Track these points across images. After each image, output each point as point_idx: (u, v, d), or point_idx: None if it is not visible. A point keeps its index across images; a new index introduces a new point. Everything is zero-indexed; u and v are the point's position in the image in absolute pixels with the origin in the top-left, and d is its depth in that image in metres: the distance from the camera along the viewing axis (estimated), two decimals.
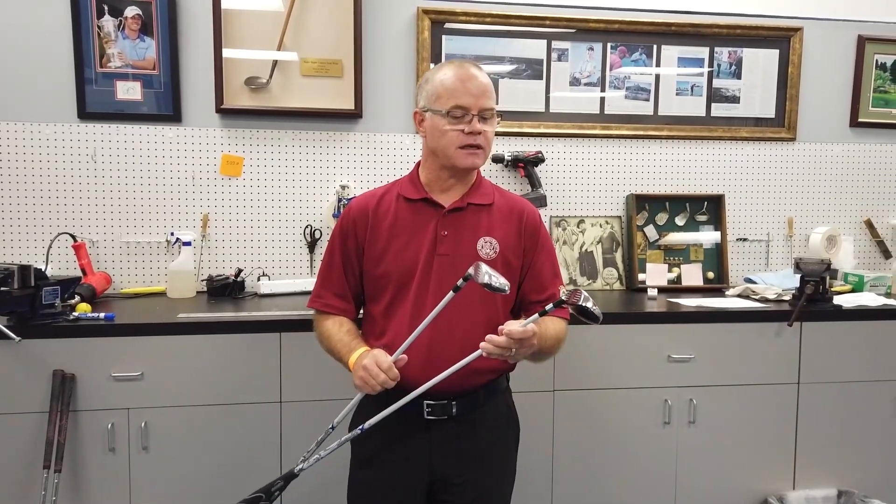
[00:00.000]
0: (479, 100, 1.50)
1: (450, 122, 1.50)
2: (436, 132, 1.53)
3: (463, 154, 1.51)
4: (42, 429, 1.88)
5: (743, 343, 2.25)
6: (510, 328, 1.35)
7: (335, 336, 1.56)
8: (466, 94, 1.49)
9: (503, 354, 1.37)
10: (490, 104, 1.52)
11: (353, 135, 2.64)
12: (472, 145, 1.51)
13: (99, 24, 2.43)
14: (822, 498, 2.31)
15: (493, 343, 1.35)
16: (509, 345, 1.35)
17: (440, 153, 1.54)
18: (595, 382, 2.18)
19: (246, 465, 2.02)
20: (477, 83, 1.51)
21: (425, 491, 1.54)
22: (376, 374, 1.40)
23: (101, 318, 1.99)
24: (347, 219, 1.60)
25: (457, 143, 1.50)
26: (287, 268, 2.62)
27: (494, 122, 1.55)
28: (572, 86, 2.76)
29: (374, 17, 2.61)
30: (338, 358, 1.55)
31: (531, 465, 2.07)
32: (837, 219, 2.97)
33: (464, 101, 1.49)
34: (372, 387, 1.41)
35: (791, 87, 2.86)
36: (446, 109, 1.50)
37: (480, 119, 1.51)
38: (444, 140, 1.51)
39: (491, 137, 1.55)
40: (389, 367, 1.40)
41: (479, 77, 1.52)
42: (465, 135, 1.50)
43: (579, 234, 2.77)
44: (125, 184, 2.51)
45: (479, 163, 1.55)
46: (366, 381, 1.41)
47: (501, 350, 1.35)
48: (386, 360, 1.41)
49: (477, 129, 1.50)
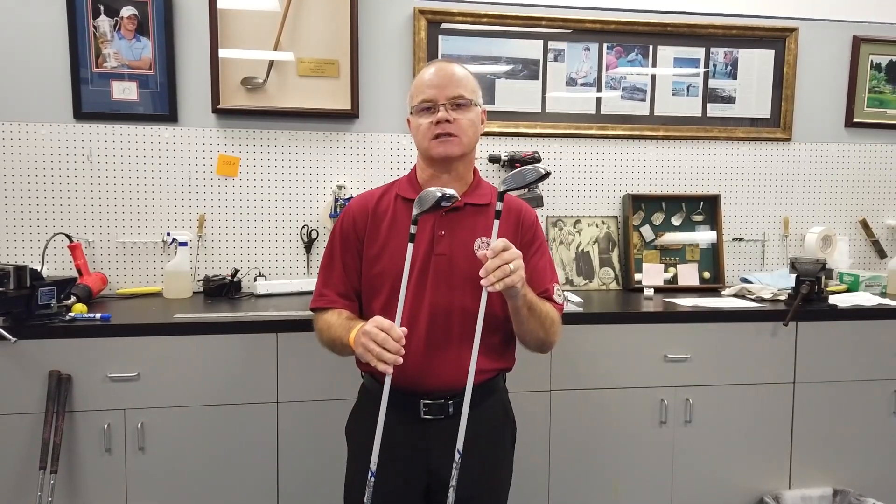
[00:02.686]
0: (444, 90, 1.52)
1: (422, 118, 1.54)
2: (416, 131, 1.56)
3: (435, 143, 1.52)
4: (38, 430, 1.87)
5: (739, 343, 2.26)
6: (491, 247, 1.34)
7: (335, 323, 1.54)
8: (430, 87, 1.53)
9: (504, 277, 1.33)
10: (458, 91, 1.53)
11: (350, 135, 2.64)
12: (443, 134, 1.51)
13: (95, 24, 2.43)
14: (817, 497, 2.31)
15: (487, 271, 1.32)
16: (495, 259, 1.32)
17: (421, 150, 1.57)
18: (591, 382, 2.18)
19: (242, 465, 2.02)
20: (442, 74, 1.53)
21: (422, 490, 1.54)
22: (375, 335, 1.34)
23: (98, 318, 1.99)
24: (347, 218, 1.61)
25: (429, 135, 1.52)
26: (284, 268, 2.62)
27: (472, 110, 1.55)
28: (568, 86, 2.77)
29: (371, 18, 2.61)
30: (339, 342, 1.51)
31: (528, 464, 2.07)
32: (833, 219, 2.98)
33: (428, 93, 1.53)
34: (377, 354, 1.34)
35: (786, 87, 2.87)
36: (415, 106, 1.55)
37: (453, 107, 1.52)
38: (419, 135, 1.55)
39: (466, 125, 1.54)
40: (391, 326, 1.36)
41: (446, 68, 1.55)
42: (434, 125, 1.51)
43: (576, 235, 2.77)
44: (121, 184, 2.51)
45: (453, 150, 1.53)
46: (367, 347, 1.35)
47: (497, 272, 1.32)
48: (387, 321, 1.37)
49: (442, 118, 1.51)
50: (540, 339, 1.55)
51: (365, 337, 1.37)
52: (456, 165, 1.57)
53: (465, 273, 1.51)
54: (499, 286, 1.33)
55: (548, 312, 1.54)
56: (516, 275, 1.35)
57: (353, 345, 1.43)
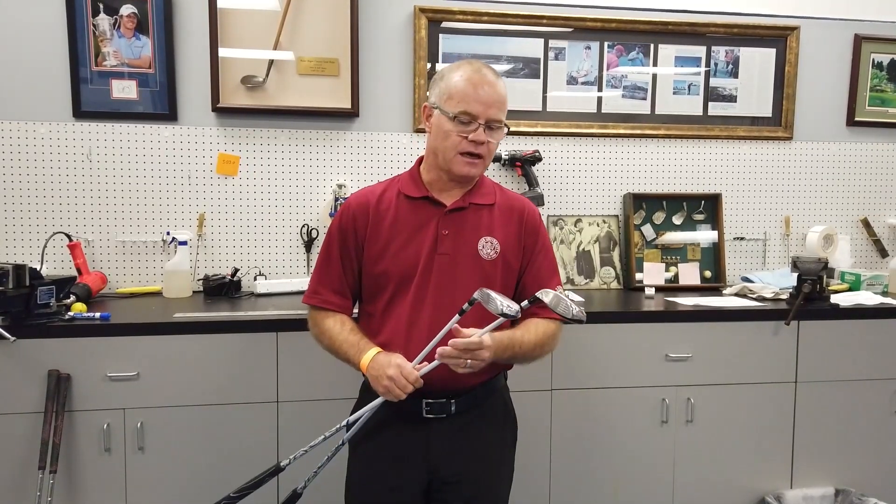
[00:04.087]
0: (489, 109, 1.47)
1: (455, 126, 1.47)
2: (440, 133, 1.50)
3: (461, 161, 1.49)
4: (37, 429, 1.87)
5: (740, 342, 2.25)
6: (454, 340, 1.37)
7: (339, 336, 1.54)
8: (477, 102, 1.46)
9: (456, 363, 1.39)
10: (499, 116, 1.49)
11: (350, 134, 2.63)
12: (473, 154, 1.49)
13: (94, 23, 2.42)
14: (819, 497, 2.31)
15: (442, 353, 1.38)
16: (455, 354, 1.37)
17: (440, 155, 1.52)
18: (592, 381, 2.18)
19: (242, 465, 2.01)
20: (490, 91, 1.47)
21: (423, 489, 1.54)
22: (403, 386, 1.40)
23: (97, 317, 1.98)
24: (347, 215, 1.57)
25: (458, 149, 1.48)
26: (283, 267, 2.61)
27: (501, 133, 1.52)
28: (569, 85, 2.76)
29: (371, 16, 2.60)
30: (344, 358, 1.53)
31: (529, 463, 2.06)
32: (834, 218, 2.97)
33: (473, 108, 1.46)
34: (396, 395, 1.41)
35: (788, 86, 2.86)
36: (454, 113, 1.47)
37: (487, 129, 1.48)
38: (446, 143, 1.49)
39: (493, 149, 1.53)
40: (417, 379, 1.41)
41: (494, 86, 1.49)
42: (468, 142, 1.47)
43: (576, 234, 2.77)
44: (121, 183, 2.50)
45: (476, 173, 1.53)
46: (390, 389, 1.41)
47: (452, 358, 1.38)
48: (412, 372, 1.41)
49: (481, 139, 1.47)
50: (533, 361, 1.58)
51: (388, 381, 1.41)
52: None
53: (469, 272, 1.50)
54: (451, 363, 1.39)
55: (537, 343, 1.53)
56: (469, 369, 1.40)
57: (367, 374, 1.47)
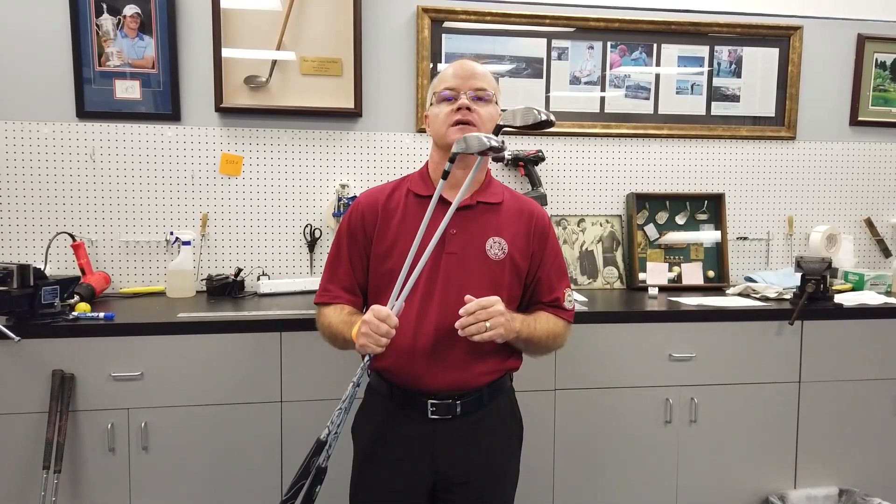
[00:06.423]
0: (467, 81, 1.54)
1: (444, 106, 1.54)
2: (434, 120, 1.56)
3: (454, 130, 1.52)
4: (41, 429, 1.87)
5: (744, 342, 2.25)
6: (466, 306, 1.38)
7: (336, 318, 1.53)
8: (455, 77, 1.55)
9: (478, 328, 1.38)
10: (481, 84, 1.54)
11: (353, 134, 2.63)
12: (463, 122, 1.51)
13: (97, 23, 2.43)
14: (823, 497, 2.31)
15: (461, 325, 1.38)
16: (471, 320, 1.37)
17: (438, 138, 1.56)
18: (596, 381, 2.18)
19: (246, 465, 2.01)
20: (466, 67, 1.56)
21: (428, 490, 1.53)
22: (377, 326, 1.37)
23: (101, 317, 1.98)
24: (356, 213, 1.58)
25: (448, 122, 1.52)
26: (287, 267, 2.62)
27: (492, 105, 1.56)
28: (572, 84, 2.76)
29: (374, 16, 2.60)
30: (341, 340, 1.51)
31: (533, 463, 2.06)
32: (837, 217, 2.97)
33: (452, 82, 1.54)
34: (375, 340, 1.37)
35: (791, 85, 2.86)
36: (437, 93, 1.56)
37: (475, 99, 1.53)
38: (437, 123, 1.55)
39: (486, 117, 1.54)
40: (388, 315, 1.38)
41: (469, 63, 1.58)
42: (455, 111, 1.51)
43: (579, 233, 2.77)
44: (124, 183, 2.50)
45: None
46: (367, 335, 1.38)
47: (471, 323, 1.37)
48: (383, 310, 1.39)
49: (464, 104, 1.51)
50: (544, 353, 1.62)
51: (364, 326, 1.39)
52: (470, 161, 1.56)
53: (477, 272, 1.50)
54: (477, 338, 1.38)
55: (549, 332, 1.55)
56: (495, 332, 1.39)
57: (355, 339, 1.43)
